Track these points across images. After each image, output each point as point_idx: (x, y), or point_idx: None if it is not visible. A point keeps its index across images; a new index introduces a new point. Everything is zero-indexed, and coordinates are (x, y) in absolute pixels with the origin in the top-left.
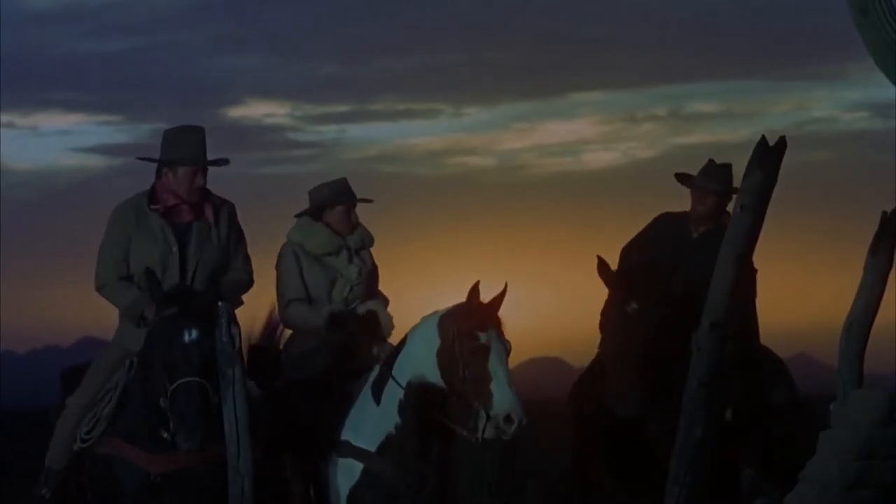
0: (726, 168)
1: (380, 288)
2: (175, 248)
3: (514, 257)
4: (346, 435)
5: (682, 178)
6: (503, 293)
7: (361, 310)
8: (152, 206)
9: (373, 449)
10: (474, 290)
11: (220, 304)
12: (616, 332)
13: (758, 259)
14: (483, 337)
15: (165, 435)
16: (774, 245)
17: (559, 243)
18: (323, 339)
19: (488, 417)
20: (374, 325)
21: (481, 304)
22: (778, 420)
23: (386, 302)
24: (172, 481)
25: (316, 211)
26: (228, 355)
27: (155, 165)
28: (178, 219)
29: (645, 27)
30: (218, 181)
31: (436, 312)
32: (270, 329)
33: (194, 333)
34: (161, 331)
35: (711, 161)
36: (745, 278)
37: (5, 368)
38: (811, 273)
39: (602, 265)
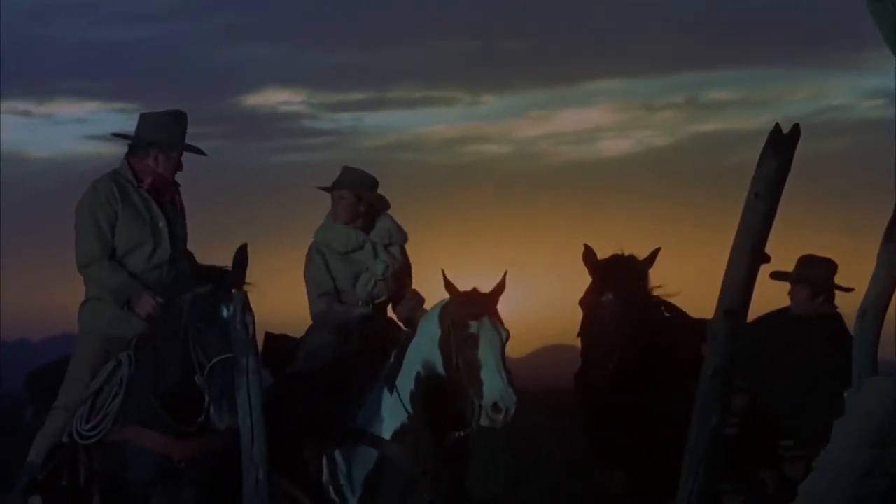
0: (816, 262)
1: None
2: (162, 224)
3: (530, 245)
4: (361, 422)
5: (780, 277)
6: (503, 282)
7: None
8: (139, 185)
9: (388, 437)
10: (446, 283)
11: (233, 291)
12: (590, 319)
13: (771, 247)
14: (474, 326)
15: (199, 419)
16: (789, 233)
17: (574, 231)
18: (337, 331)
19: (480, 406)
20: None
21: (476, 293)
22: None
23: (421, 302)
24: (189, 467)
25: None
26: (242, 343)
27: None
28: (161, 197)
29: (661, 15)
30: (232, 168)
31: (441, 302)
32: None
33: (231, 310)
34: (196, 309)
35: (808, 256)
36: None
37: (20, 357)
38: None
39: (587, 253)
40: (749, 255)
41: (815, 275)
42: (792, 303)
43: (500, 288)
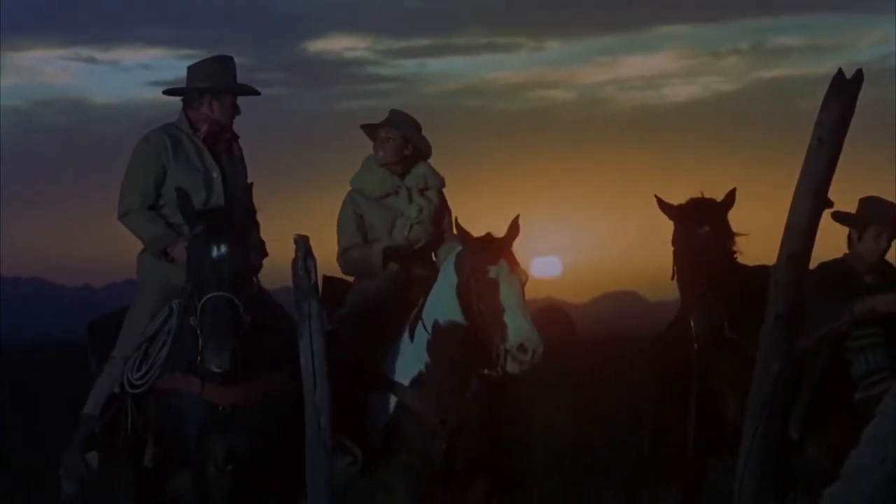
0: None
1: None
2: (216, 174)
3: (593, 191)
4: (385, 368)
5: (844, 219)
6: (516, 226)
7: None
8: (196, 134)
9: (406, 384)
10: (459, 230)
11: (296, 236)
12: (691, 253)
13: (834, 192)
14: (493, 271)
15: (199, 359)
16: (854, 178)
17: (637, 178)
18: (383, 276)
19: (506, 350)
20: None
21: (491, 238)
22: None
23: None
24: (238, 416)
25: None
26: (305, 289)
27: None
28: (217, 146)
29: None
30: (297, 114)
31: (455, 249)
32: None
33: (223, 249)
34: (191, 250)
35: (868, 197)
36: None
37: (83, 303)
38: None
39: (661, 202)
40: (812, 199)
41: (883, 215)
42: (858, 245)
43: (513, 232)
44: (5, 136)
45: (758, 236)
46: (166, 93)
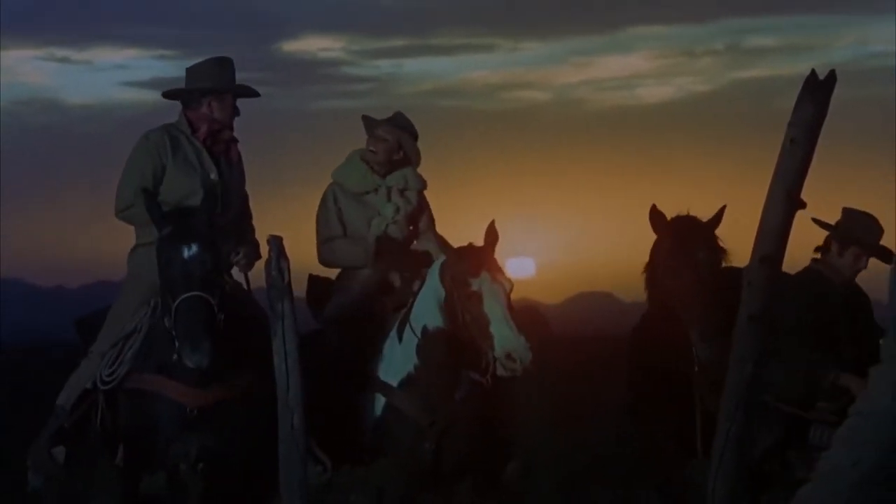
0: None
1: (437, 229)
2: (214, 175)
3: (569, 192)
4: (375, 368)
5: (827, 228)
6: (493, 232)
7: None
8: (195, 135)
9: (395, 385)
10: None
11: (269, 237)
12: (691, 278)
13: (808, 193)
14: (475, 283)
15: (175, 357)
16: (828, 178)
17: (613, 178)
18: (366, 275)
19: (494, 358)
20: (427, 264)
21: (472, 248)
22: None
23: (444, 244)
24: (208, 416)
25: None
26: (278, 289)
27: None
28: (215, 148)
29: None
30: (271, 115)
31: (438, 259)
32: None
33: (193, 249)
34: (161, 251)
35: (855, 212)
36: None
37: (56, 303)
38: (864, 207)
39: (655, 213)
40: (784, 201)
41: (869, 238)
42: (838, 259)
43: (492, 238)
44: None
45: (733, 237)
46: (165, 95)
